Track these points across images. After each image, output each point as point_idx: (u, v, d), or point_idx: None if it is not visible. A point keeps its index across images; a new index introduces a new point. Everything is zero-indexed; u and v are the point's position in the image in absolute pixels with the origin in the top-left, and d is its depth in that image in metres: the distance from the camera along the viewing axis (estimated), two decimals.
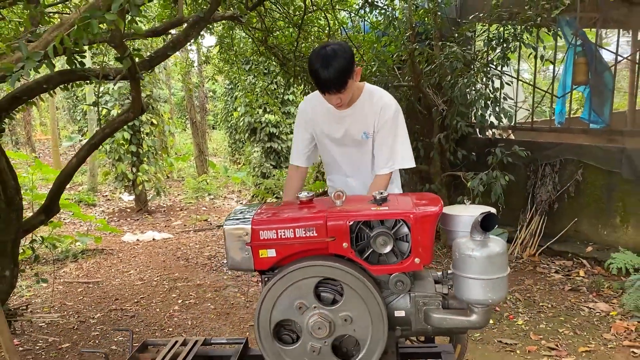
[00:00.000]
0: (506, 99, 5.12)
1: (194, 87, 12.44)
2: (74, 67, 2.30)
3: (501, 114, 4.93)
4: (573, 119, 6.43)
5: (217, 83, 15.55)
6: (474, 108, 5.07)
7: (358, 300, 1.69)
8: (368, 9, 5.30)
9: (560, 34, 5.67)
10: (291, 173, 2.61)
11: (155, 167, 8.52)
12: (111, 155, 8.23)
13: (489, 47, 5.13)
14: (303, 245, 1.72)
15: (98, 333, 3.82)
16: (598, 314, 3.78)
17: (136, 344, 2.22)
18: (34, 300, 4.50)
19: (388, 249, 1.70)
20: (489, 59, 5.10)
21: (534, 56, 5.12)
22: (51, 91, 3.02)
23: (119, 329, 3.79)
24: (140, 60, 2.89)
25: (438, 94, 5.33)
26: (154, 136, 8.46)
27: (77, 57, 2.34)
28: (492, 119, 4.99)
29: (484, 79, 5.00)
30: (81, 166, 3.33)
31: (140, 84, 2.93)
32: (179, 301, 4.43)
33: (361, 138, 2.42)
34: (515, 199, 5.19)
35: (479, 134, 5.56)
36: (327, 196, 2.29)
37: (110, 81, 2.90)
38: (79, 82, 3.11)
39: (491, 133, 5.43)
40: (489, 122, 5.03)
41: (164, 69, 10.97)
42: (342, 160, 2.55)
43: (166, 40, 4.45)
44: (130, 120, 3.25)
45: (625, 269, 4.18)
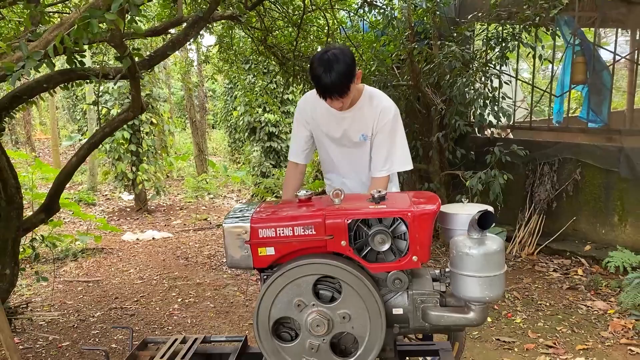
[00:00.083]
0: (505, 98, 5.13)
1: (194, 87, 12.44)
2: (74, 67, 2.31)
3: (500, 113, 4.94)
4: (572, 118, 6.44)
5: (217, 82, 15.55)
6: (472, 107, 5.08)
7: (356, 298, 1.70)
8: (367, 9, 5.31)
9: (559, 33, 5.69)
10: (290, 170, 2.63)
11: (155, 167, 8.52)
12: (111, 154, 8.23)
13: (488, 47, 5.14)
14: (302, 243, 1.73)
15: (98, 331, 3.83)
16: (596, 312, 3.80)
17: (136, 342, 2.24)
18: (34, 299, 4.51)
19: (386, 247, 1.71)
20: (488, 58, 5.11)
21: (533, 55, 5.13)
22: (51, 90, 3.03)
23: (118, 327, 3.81)
24: (139, 59, 2.90)
25: (437, 93, 5.34)
26: (154, 135, 8.47)
27: (77, 57, 2.34)
28: (491, 118, 5.01)
29: (483, 79, 5.01)
30: (81, 165, 3.35)
31: (140, 83, 2.94)
32: (179, 300, 4.45)
33: (359, 140, 2.43)
34: (513, 198, 5.20)
35: (477, 133, 5.58)
36: (326, 195, 2.30)
37: (110, 80, 2.92)
38: (79, 82, 3.13)
39: (490, 132, 5.45)
40: (488, 121, 5.04)
41: (164, 68, 10.96)
42: (339, 160, 2.56)
43: (166, 39, 4.46)
44: (130, 119, 3.26)
45: (623, 268, 4.19)
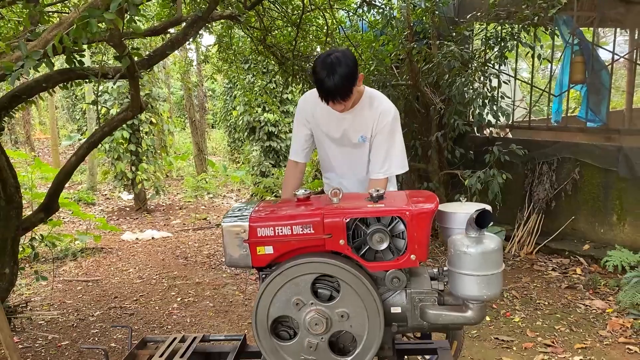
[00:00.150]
0: (504, 97, 5.14)
1: (193, 86, 12.44)
2: (73, 66, 2.31)
3: (499, 112, 4.95)
4: (570, 117, 6.45)
5: (216, 82, 15.55)
6: (471, 107, 5.09)
7: (355, 297, 1.71)
8: (366, 8, 5.32)
9: (558, 33, 5.69)
10: (290, 168, 2.64)
11: (155, 166, 8.52)
12: (110, 154, 8.23)
13: (487, 46, 5.15)
14: (300, 242, 1.74)
15: (97, 330, 3.84)
16: (594, 311, 3.81)
17: (135, 341, 2.24)
18: (33, 298, 4.51)
19: (384, 246, 1.72)
20: (487, 57, 5.11)
21: (532, 55, 5.14)
22: (50, 90, 3.04)
23: (118, 326, 3.81)
24: (139, 59, 2.90)
25: (436, 92, 5.35)
26: (153, 135, 8.47)
27: (76, 56, 2.35)
28: (490, 118, 5.01)
29: (482, 78, 5.02)
30: (80, 165, 3.35)
31: (139, 83, 2.94)
32: (178, 299, 4.45)
33: (358, 141, 2.45)
34: (512, 197, 5.21)
35: (476, 133, 5.58)
36: (324, 194, 2.30)
37: (109, 80, 2.92)
38: (78, 81, 3.13)
39: (489, 131, 5.45)
40: (487, 121, 5.04)
41: (163, 68, 10.97)
42: (338, 160, 2.57)
43: (165, 39, 4.47)
44: (129, 119, 3.26)
45: (622, 267, 4.20)
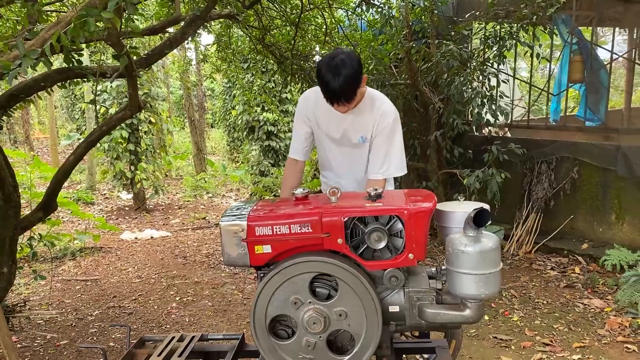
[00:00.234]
0: (502, 96, 5.14)
1: (192, 86, 12.44)
2: (71, 65, 2.31)
3: (497, 111, 4.95)
4: (569, 116, 6.45)
5: (215, 81, 15.54)
6: (470, 106, 5.09)
7: (353, 296, 1.71)
8: (365, 7, 5.31)
9: (557, 32, 5.70)
10: (289, 166, 2.64)
11: (154, 166, 8.52)
12: (109, 153, 8.22)
13: (486, 45, 5.14)
14: (298, 241, 1.74)
15: (96, 330, 3.84)
16: (593, 310, 3.81)
17: (134, 340, 2.24)
18: (32, 298, 4.51)
19: (382, 245, 1.72)
20: (486, 57, 5.11)
21: (530, 54, 5.14)
22: (49, 89, 3.03)
23: (116, 325, 3.81)
24: (137, 58, 2.90)
25: (435, 92, 5.35)
26: (152, 135, 8.47)
27: (75, 55, 2.35)
28: (489, 117, 5.01)
29: (481, 77, 5.02)
30: (80, 165, 3.35)
31: (138, 82, 2.94)
32: (177, 298, 4.45)
33: (358, 141, 2.45)
34: (511, 197, 5.21)
35: (475, 132, 5.58)
36: (323, 193, 2.31)
37: (107, 79, 2.92)
38: (76, 80, 3.13)
39: (487, 131, 5.45)
40: (485, 120, 5.05)
41: (162, 67, 10.96)
42: (337, 159, 2.57)
43: (163, 38, 4.46)
44: (128, 118, 3.26)
45: (620, 266, 4.20)
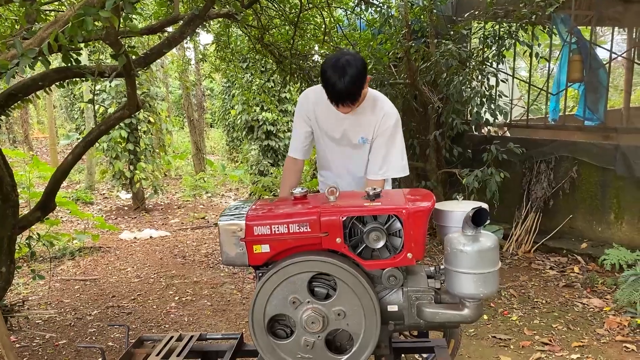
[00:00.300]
0: (501, 96, 5.14)
1: (191, 85, 12.43)
2: (69, 65, 2.30)
3: (496, 111, 4.95)
4: (568, 116, 6.45)
5: (215, 81, 15.53)
6: (469, 105, 5.08)
7: (351, 295, 1.71)
8: (364, 7, 5.31)
9: (556, 31, 5.70)
10: (288, 165, 2.63)
11: (153, 165, 8.51)
12: (108, 153, 8.21)
13: (485, 45, 5.14)
14: (297, 240, 1.74)
15: (95, 330, 3.83)
16: (592, 309, 3.81)
17: (132, 340, 2.24)
18: (30, 297, 4.51)
19: (381, 244, 1.72)
20: (485, 56, 5.11)
21: (530, 54, 5.14)
22: (47, 88, 3.02)
23: (115, 325, 3.80)
24: (135, 57, 2.90)
25: (434, 91, 5.34)
26: (152, 134, 8.46)
27: (73, 55, 2.34)
28: (488, 116, 5.01)
29: (480, 77, 5.02)
30: (79, 164, 3.34)
31: (137, 82, 2.94)
32: (176, 298, 4.45)
33: (358, 142, 2.44)
34: (510, 196, 5.21)
35: (474, 131, 5.58)
36: (321, 192, 2.30)
37: (106, 78, 2.91)
38: (75, 80, 3.12)
39: (486, 130, 5.46)
40: (485, 120, 5.05)
41: (161, 67, 10.96)
42: (336, 159, 2.57)
43: (162, 37, 4.46)
44: (126, 117, 3.26)
45: (619, 265, 4.20)
